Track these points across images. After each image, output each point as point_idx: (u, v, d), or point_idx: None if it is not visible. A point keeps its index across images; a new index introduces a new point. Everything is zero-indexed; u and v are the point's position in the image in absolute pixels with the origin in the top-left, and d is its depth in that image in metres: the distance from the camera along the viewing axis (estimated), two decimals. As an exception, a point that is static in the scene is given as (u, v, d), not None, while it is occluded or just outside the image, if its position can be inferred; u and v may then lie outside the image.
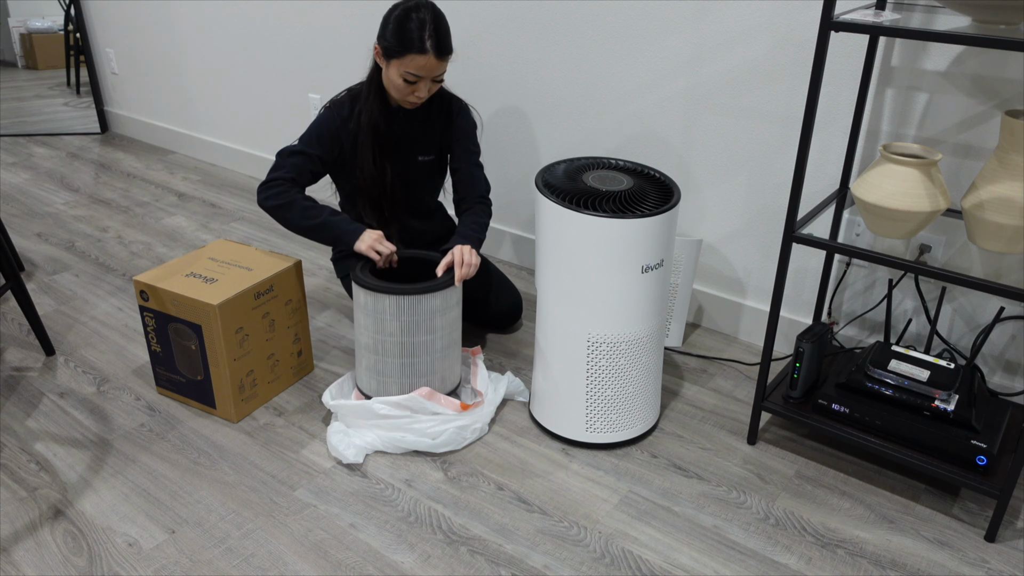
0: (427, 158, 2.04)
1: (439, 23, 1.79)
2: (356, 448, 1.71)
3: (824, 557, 1.50)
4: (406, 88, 1.84)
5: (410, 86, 1.83)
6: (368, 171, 1.95)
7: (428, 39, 1.77)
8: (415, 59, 1.78)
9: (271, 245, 2.74)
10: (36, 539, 1.51)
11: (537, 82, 2.33)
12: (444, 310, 1.75)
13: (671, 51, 2.04)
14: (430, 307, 1.72)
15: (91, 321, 2.25)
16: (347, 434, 1.74)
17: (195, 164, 3.53)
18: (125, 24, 3.56)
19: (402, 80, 1.82)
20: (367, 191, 1.98)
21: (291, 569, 1.45)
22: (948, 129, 1.72)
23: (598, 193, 1.63)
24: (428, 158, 2.04)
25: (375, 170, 1.95)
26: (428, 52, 1.78)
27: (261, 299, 1.82)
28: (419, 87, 1.83)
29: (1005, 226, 1.43)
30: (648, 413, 1.79)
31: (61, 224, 2.87)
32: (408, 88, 1.84)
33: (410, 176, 2.04)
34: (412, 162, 2.02)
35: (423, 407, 1.74)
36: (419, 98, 1.86)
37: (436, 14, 1.80)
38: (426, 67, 1.80)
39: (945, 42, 1.45)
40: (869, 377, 1.67)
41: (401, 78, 1.82)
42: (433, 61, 1.79)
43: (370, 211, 2.02)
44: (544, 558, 1.48)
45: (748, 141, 2.00)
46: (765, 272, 2.11)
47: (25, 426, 1.82)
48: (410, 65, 1.79)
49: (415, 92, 1.84)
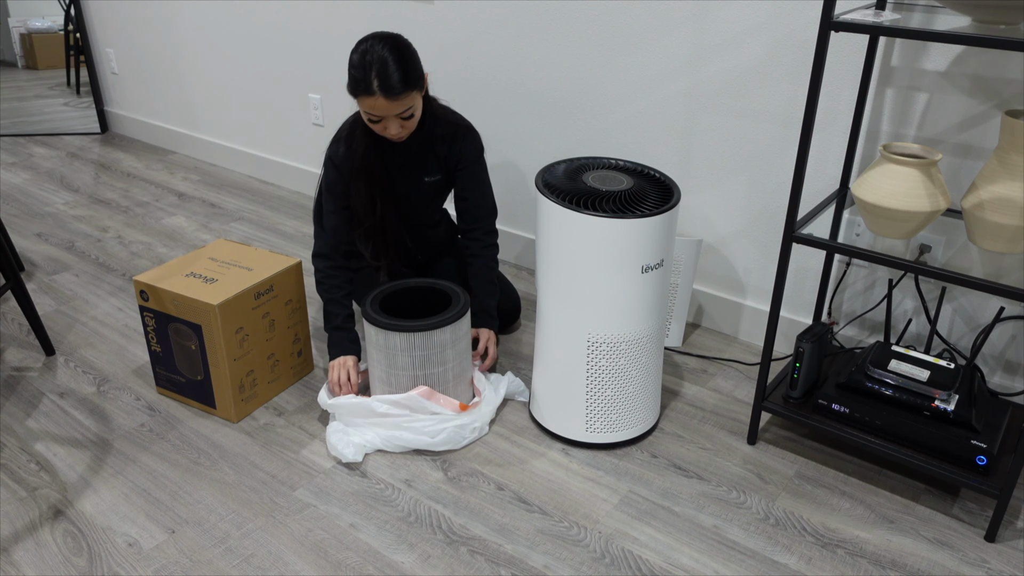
0: (433, 179, 2.00)
1: (388, 62, 1.70)
2: (355, 447, 1.71)
3: (824, 557, 1.50)
4: (376, 126, 1.79)
5: (377, 124, 1.78)
6: (359, 205, 1.92)
7: (375, 79, 1.69)
8: (365, 100, 1.73)
9: (271, 245, 2.74)
10: (36, 539, 1.51)
11: (537, 82, 2.33)
12: (454, 342, 1.76)
13: (671, 51, 2.04)
14: (441, 341, 1.73)
15: (91, 321, 2.25)
16: (346, 432, 1.74)
17: (195, 164, 3.53)
18: (125, 24, 3.56)
19: (367, 119, 1.78)
20: (360, 224, 1.95)
21: (291, 569, 1.45)
22: (948, 129, 1.72)
23: (598, 193, 1.63)
24: (435, 179, 2.01)
25: (366, 204, 1.92)
26: (375, 93, 1.70)
27: (261, 299, 1.82)
28: (387, 125, 1.77)
29: (1005, 226, 1.43)
30: (648, 413, 1.79)
31: (61, 224, 2.87)
32: (378, 126, 1.79)
33: (416, 197, 2.02)
34: (418, 182, 2.00)
35: (422, 406, 1.74)
36: (393, 135, 1.80)
37: (392, 51, 1.71)
38: (379, 107, 1.72)
39: (945, 42, 1.45)
40: (869, 377, 1.66)
41: (366, 117, 1.78)
42: (383, 102, 1.71)
43: (364, 242, 2.01)
44: (544, 558, 1.48)
45: (748, 141, 2.00)
46: (765, 272, 2.11)
47: (25, 426, 1.82)
48: (365, 105, 1.74)
49: (386, 130, 1.78)
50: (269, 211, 3.03)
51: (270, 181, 3.32)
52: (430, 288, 1.88)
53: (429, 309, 1.88)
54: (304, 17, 2.85)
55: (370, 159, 1.89)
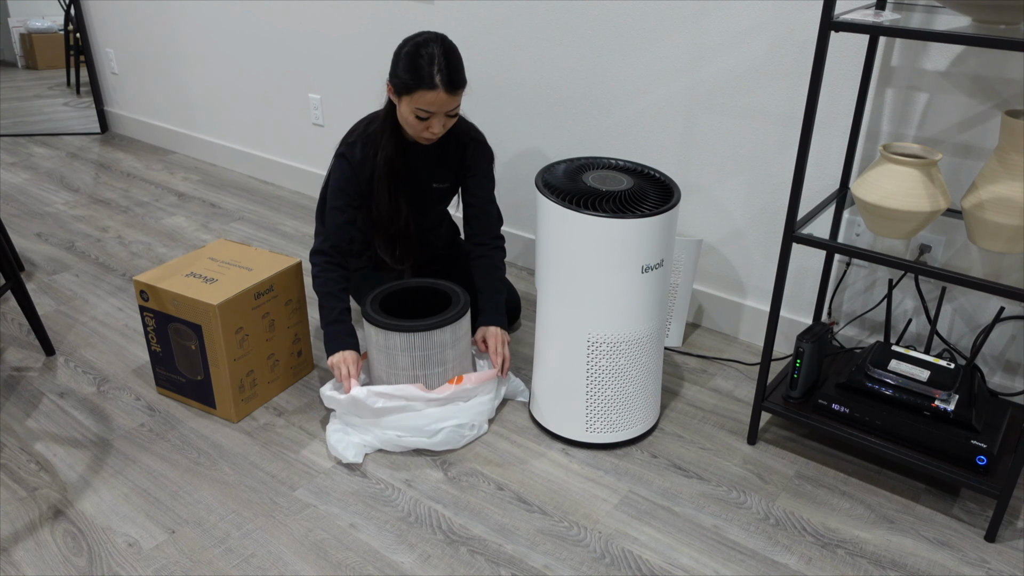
0: (442, 185, 2.02)
1: (450, 57, 1.76)
2: (355, 447, 1.71)
3: (824, 557, 1.50)
4: (419, 125, 1.80)
5: (423, 123, 1.80)
6: (384, 209, 1.93)
7: (438, 74, 1.73)
8: (425, 95, 1.75)
9: (271, 245, 2.74)
10: (36, 539, 1.51)
11: (537, 82, 2.33)
12: (454, 342, 1.76)
13: (671, 51, 2.04)
14: (440, 341, 1.73)
15: (91, 321, 2.25)
16: (346, 432, 1.74)
17: (195, 164, 3.53)
18: (125, 24, 3.56)
19: (414, 117, 1.79)
20: (383, 228, 1.97)
21: (291, 569, 1.45)
22: (948, 129, 1.72)
23: (598, 193, 1.63)
24: (443, 185, 2.02)
25: (391, 208, 1.93)
26: (438, 87, 1.74)
27: (261, 299, 1.82)
28: (432, 123, 1.80)
29: (1005, 226, 1.43)
30: (648, 413, 1.79)
31: (61, 224, 2.87)
32: (422, 125, 1.80)
33: (423, 201, 2.03)
34: (427, 189, 2.00)
35: (414, 395, 1.73)
36: (434, 134, 1.82)
37: (447, 48, 1.77)
38: (437, 102, 1.76)
39: (945, 42, 1.45)
40: (869, 377, 1.66)
41: (413, 115, 1.79)
42: (444, 96, 1.75)
43: (384, 247, 2.02)
44: (544, 558, 1.48)
45: (748, 141, 2.00)
46: (765, 272, 2.11)
47: (25, 426, 1.82)
48: (421, 101, 1.76)
49: (429, 128, 1.80)
50: (269, 211, 3.03)
51: (270, 181, 3.32)
52: (430, 288, 1.88)
53: (429, 309, 1.88)
54: (304, 17, 2.84)
55: (397, 161, 1.90)
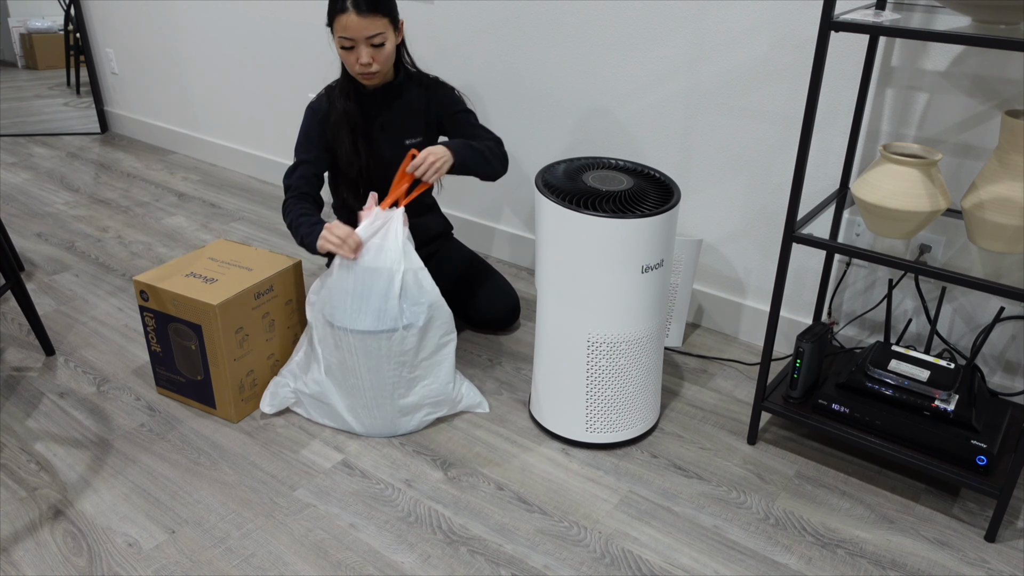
0: (415, 140, 2.04)
1: None
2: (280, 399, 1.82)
3: (824, 557, 1.50)
4: (350, 57, 1.86)
5: (351, 53, 1.85)
6: (346, 155, 1.97)
7: None
8: (340, 19, 1.80)
9: (271, 245, 2.74)
10: (36, 539, 1.51)
11: (537, 82, 2.33)
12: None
13: (671, 51, 2.04)
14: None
15: (91, 321, 2.25)
16: (277, 386, 1.83)
17: (195, 164, 3.53)
18: (125, 24, 3.56)
19: (342, 48, 1.85)
20: (345, 174, 2.00)
21: (291, 569, 1.45)
22: (948, 129, 1.72)
23: (598, 193, 1.63)
24: (416, 140, 2.05)
25: (353, 152, 1.97)
26: (349, 10, 1.79)
27: (261, 299, 1.82)
28: (359, 53, 1.84)
29: (1005, 226, 1.43)
30: (648, 413, 1.79)
31: (61, 224, 2.87)
32: (352, 57, 1.85)
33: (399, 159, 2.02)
34: (400, 146, 2.03)
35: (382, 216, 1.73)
36: (365, 67, 1.86)
37: None
38: (351, 26, 1.80)
39: (945, 42, 1.45)
40: (869, 377, 1.67)
41: (340, 46, 1.85)
42: (355, 18, 1.79)
43: (350, 194, 2.04)
44: (544, 558, 1.48)
45: (748, 141, 2.00)
46: (765, 272, 2.11)
47: (25, 426, 1.82)
48: (339, 28, 1.82)
49: (359, 60, 1.85)
50: (269, 211, 3.03)
51: (270, 181, 3.32)
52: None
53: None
54: (304, 17, 2.85)
55: (350, 108, 1.95)
